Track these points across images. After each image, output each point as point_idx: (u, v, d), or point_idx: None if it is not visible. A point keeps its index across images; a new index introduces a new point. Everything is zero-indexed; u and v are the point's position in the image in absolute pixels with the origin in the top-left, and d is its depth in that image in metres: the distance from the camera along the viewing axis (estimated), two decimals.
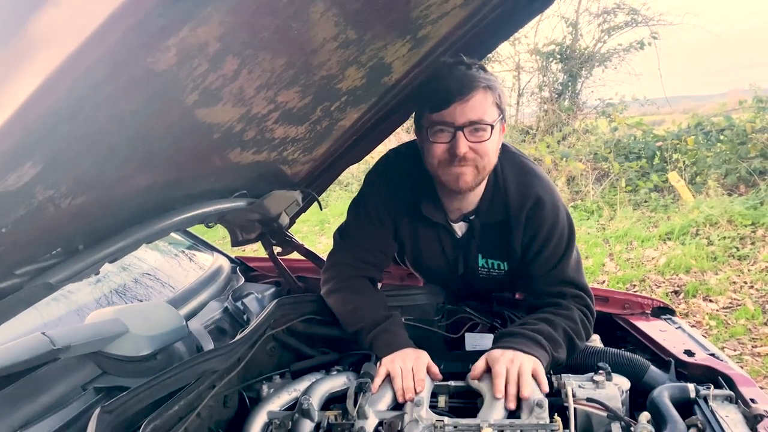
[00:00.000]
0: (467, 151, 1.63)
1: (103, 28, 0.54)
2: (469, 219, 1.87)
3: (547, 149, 9.80)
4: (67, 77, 0.64)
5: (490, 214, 1.83)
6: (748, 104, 8.77)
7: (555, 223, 1.78)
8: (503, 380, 1.48)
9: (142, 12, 0.55)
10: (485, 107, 1.63)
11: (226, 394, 1.60)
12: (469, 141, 1.63)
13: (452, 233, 1.91)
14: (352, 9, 1.15)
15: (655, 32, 11.16)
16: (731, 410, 1.45)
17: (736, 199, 7.03)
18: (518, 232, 1.80)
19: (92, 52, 0.58)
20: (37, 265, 1.08)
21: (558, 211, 1.79)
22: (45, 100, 0.61)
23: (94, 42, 0.56)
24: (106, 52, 0.59)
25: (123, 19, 0.54)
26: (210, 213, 1.65)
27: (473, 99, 1.61)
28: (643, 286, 5.57)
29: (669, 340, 1.87)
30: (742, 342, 4.36)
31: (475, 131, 1.63)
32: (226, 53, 0.92)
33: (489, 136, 1.64)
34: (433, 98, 1.65)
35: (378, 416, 1.46)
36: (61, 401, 1.35)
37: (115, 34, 0.56)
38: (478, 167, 1.68)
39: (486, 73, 1.67)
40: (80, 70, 0.64)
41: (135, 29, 0.58)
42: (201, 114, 1.12)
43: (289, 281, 2.40)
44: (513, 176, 1.82)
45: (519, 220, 1.79)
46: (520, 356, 1.54)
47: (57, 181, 0.87)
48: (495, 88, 1.66)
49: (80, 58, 0.62)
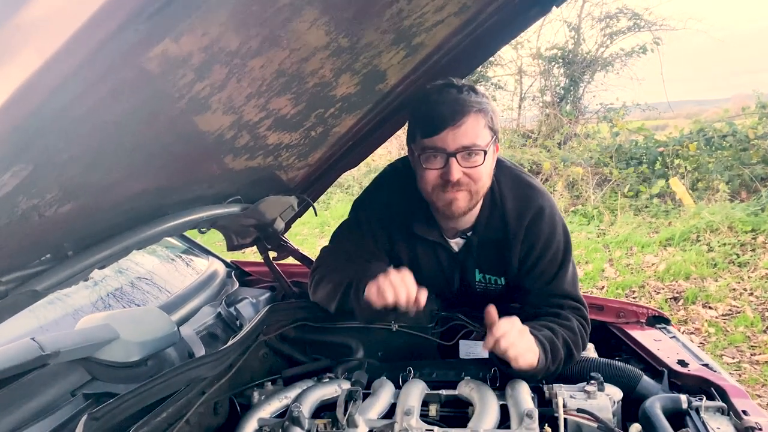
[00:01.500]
0: (461, 176, 1.62)
1: (74, 39, 0.54)
2: (466, 235, 1.86)
3: (548, 154, 9.79)
4: (46, 83, 0.63)
5: (488, 231, 1.82)
6: (751, 110, 8.76)
7: (551, 236, 1.77)
8: (500, 333, 1.48)
9: (115, 25, 0.55)
10: (477, 131, 1.61)
11: (217, 400, 1.60)
12: (463, 166, 1.62)
13: (449, 249, 1.90)
14: (343, 18, 1.14)
15: (657, 37, 11.16)
16: (723, 422, 1.45)
17: (738, 206, 7.00)
18: (516, 247, 1.79)
19: (71, 57, 0.57)
20: (25, 271, 1.08)
21: (555, 224, 1.78)
22: (21, 109, 0.61)
23: (72, 46, 0.55)
24: (86, 57, 0.58)
25: (95, 33, 0.54)
26: (203, 219, 1.65)
27: (465, 124, 1.59)
28: (643, 292, 5.55)
29: (663, 349, 1.86)
30: (741, 350, 4.35)
31: (469, 156, 1.62)
32: (212, 63, 0.92)
33: (483, 161, 1.63)
34: (424, 124, 1.64)
35: (368, 425, 1.46)
36: (49, 407, 1.35)
37: (87, 47, 0.56)
38: (471, 191, 1.67)
39: (477, 96, 1.64)
40: (60, 76, 0.63)
41: (109, 42, 0.57)
42: (190, 121, 1.12)
43: (284, 286, 2.40)
44: (510, 192, 1.80)
45: (518, 235, 1.78)
46: (528, 336, 1.54)
47: (41, 190, 0.86)
48: (487, 110, 1.64)
49: (60, 63, 0.61)
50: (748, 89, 9.19)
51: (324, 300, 1.83)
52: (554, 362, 1.61)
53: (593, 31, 11.75)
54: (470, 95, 1.63)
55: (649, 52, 11.20)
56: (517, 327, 1.54)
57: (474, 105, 1.61)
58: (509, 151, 10.25)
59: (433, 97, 1.63)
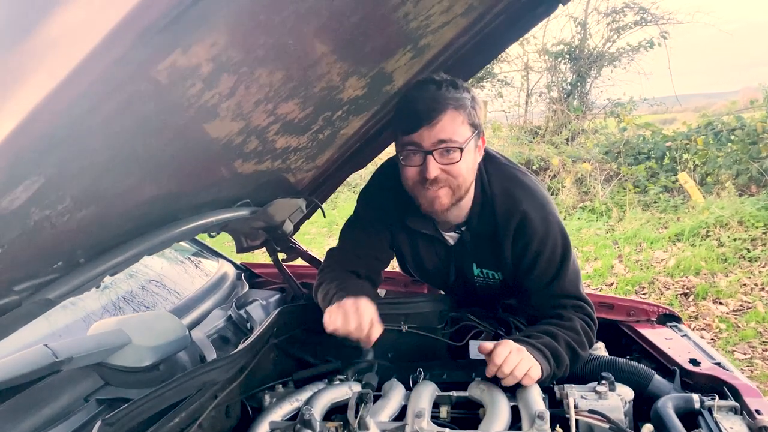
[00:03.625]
0: (438, 173, 1.62)
1: (87, 59, 0.54)
2: (460, 230, 1.87)
3: (556, 150, 9.75)
4: (60, 100, 0.64)
5: (480, 226, 1.82)
6: (759, 103, 8.69)
7: (545, 238, 1.75)
8: (501, 360, 1.51)
9: (128, 43, 0.56)
10: (454, 128, 1.60)
11: (229, 404, 1.60)
12: (440, 163, 1.62)
13: (444, 242, 1.91)
14: (349, 23, 1.14)
15: (665, 31, 11.09)
16: (736, 421, 1.44)
17: (747, 200, 6.96)
18: (507, 245, 1.79)
19: (79, 82, 0.58)
20: (37, 280, 1.09)
21: (548, 225, 1.76)
22: (35, 129, 0.62)
23: (79, 72, 0.56)
24: (93, 80, 0.59)
25: (108, 52, 0.54)
26: (213, 223, 1.66)
27: (441, 122, 1.58)
28: (653, 288, 5.53)
29: (674, 348, 1.86)
30: (753, 345, 4.32)
31: (446, 153, 1.61)
32: (220, 72, 0.92)
33: (460, 158, 1.62)
34: (403, 121, 1.64)
35: (379, 427, 1.46)
36: (63, 413, 1.36)
37: (101, 65, 0.56)
38: (452, 187, 1.67)
39: (457, 91, 1.62)
40: (75, 92, 0.64)
41: (121, 59, 0.58)
42: (199, 129, 1.13)
43: (293, 288, 2.41)
44: (500, 188, 1.79)
45: (507, 233, 1.77)
46: (526, 354, 1.55)
47: (53, 201, 0.87)
48: (465, 106, 1.62)
49: (73, 82, 0.62)
50: (756, 82, 9.10)
51: (320, 305, 1.85)
52: (560, 366, 1.62)
53: (599, 26, 11.70)
54: (449, 91, 1.60)
55: (657, 46, 11.13)
56: (514, 348, 1.56)
57: (451, 102, 1.59)
58: (517, 147, 10.21)
59: (411, 94, 1.63)
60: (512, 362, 1.52)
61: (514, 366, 1.51)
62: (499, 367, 1.52)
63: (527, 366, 1.53)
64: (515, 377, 1.52)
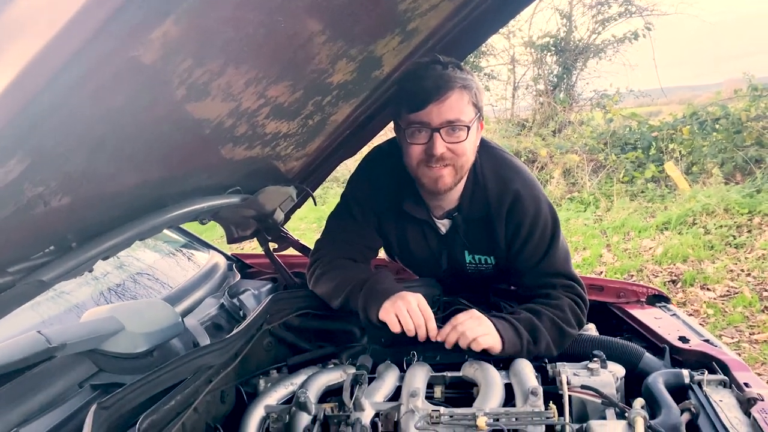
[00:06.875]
0: (444, 151, 1.64)
1: (77, 18, 0.54)
2: (452, 216, 1.88)
3: (543, 142, 9.80)
4: (45, 69, 0.64)
5: (472, 211, 1.84)
6: (743, 93, 8.77)
7: (537, 216, 1.78)
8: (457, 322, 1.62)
9: (117, 4, 0.55)
10: (462, 107, 1.63)
11: (223, 389, 1.60)
12: (446, 141, 1.64)
13: (436, 230, 1.92)
14: (339, 2, 1.15)
15: (649, 23, 11.17)
16: (725, 394, 1.46)
17: (733, 188, 7.03)
18: (500, 227, 1.81)
19: (69, 43, 0.58)
20: (30, 263, 1.09)
21: (539, 203, 1.79)
22: (23, 92, 0.61)
23: (69, 33, 0.55)
24: (85, 43, 0.59)
25: (98, 8, 0.54)
26: (203, 209, 1.66)
27: (449, 99, 1.61)
28: (641, 276, 5.58)
29: (664, 327, 1.88)
30: (740, 329, 4.38)
31: (452, 131, 1.64)
32: (211, 48, 0.92)
33: (466, 137, 1.65)
34: (409, 99, 1.66)
35: (374, 407, 1.47)
36: (57, 399, 1.35)
37: (92, 25, 0.56)
38: (455, 167, 1.69)
39: (462, 72, 1.66)
40: (59, 61, 0.64)
41: (113, 20, 0.57)
42: (190, 109, 1.12)
43: (285, 277, 2.41)
44: (491, 171, 1.82)
45: (500, 215, 1.80)
46: (485, 322, 1.62)
47: (45, 178, 0.87)
48: (471, 87, 1.66)
49: (58, 49, 0.61)
50: (741, 73, 9.17)
51: (326, 296, 1.86)
52: (537, 343, 1.66)
53: (585, 18, 11.78)
54: (455, 71, 1.64)
55: (641, 38, 11.21)
56: (473, 315, 1.65)
57: (458, 81, 1.63)
58: (504, 140, 10.25)
59: (418, 73, 1.65)
60: (465, 326, 1.61)
61: (466, 328, 1.60)
62: (453, 327, 1.61)
63: (481, 332, 1.60)
64: (466, 337, 1.59)
